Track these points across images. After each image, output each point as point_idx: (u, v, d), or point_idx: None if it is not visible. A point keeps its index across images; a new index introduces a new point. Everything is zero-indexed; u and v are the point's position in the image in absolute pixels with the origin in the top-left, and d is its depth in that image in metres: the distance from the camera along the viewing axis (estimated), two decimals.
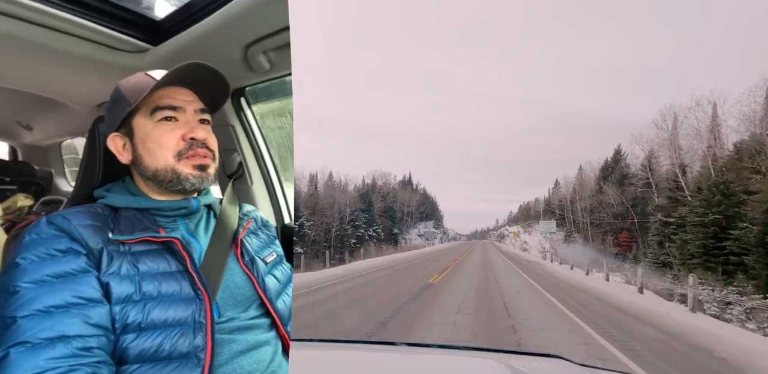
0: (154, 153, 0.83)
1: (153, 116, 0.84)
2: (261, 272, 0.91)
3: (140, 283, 0.74)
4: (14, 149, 3.26)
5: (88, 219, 0.78)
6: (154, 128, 0.84)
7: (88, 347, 0.66)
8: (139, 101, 0.83)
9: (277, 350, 0.87)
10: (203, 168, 0.85)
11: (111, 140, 0.88)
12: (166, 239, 0.80)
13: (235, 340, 0.81)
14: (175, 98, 0.85)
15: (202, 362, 0.73)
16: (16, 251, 0.73)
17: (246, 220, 1.00)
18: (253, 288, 0.88)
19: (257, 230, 1.03)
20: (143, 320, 0.72)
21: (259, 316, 0.87)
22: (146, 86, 0.83)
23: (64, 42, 1.41)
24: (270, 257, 0.98)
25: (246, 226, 0.98)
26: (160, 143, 0.83)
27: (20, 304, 0.66)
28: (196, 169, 0.84)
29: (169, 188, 0.85)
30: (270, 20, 1.26)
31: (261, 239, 1.01)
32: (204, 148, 0.85)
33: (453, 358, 1.34)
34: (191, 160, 0.84)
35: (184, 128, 0.84)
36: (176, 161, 0.83)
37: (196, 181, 0.84)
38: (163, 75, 0.84)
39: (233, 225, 0.94)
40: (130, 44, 1.50)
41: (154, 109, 0.84)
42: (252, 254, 0.92)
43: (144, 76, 0.88)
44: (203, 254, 0.86)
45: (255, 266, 0.91)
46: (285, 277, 0.98)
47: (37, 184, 3.01)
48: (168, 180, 0.84)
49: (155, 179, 0.84)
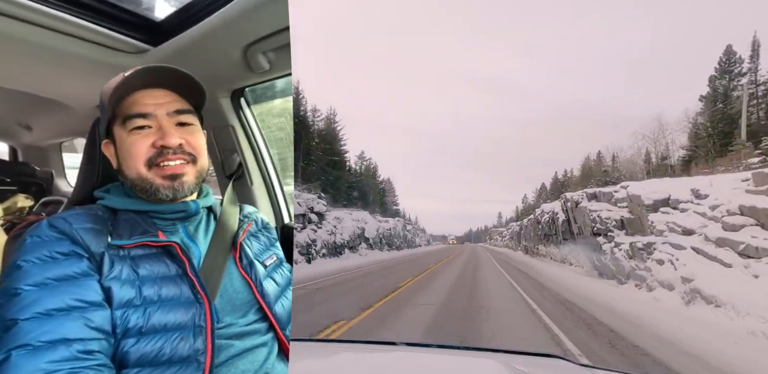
0: (128, 162, 0.83)
1: (125, 125, 0.83)
2: (259, 277, 0.91)
3: (140, 287, 0.74)
4: (14, 150, 3.26)
5: (89, 222, 0.78)
6: (128, 137, 0.83)
7: (89, 350, 0.66)
8: (115, 108, 0.83)
9: (272, 350, 0.87)
10: (174, 178, 0.83)
11: (104, 147, 0.88)
12: (164, 243, 0.80)
13: (233, 345, 0.81)
14: (144, 103, 0.83)
15: (202, 365, 0.74)
16: (17, 254, 0.73)
17: (246, 222, 0.99)
18: (252, 293, 0.88)
19: (257, 232, 1.02)
20: (144, 324, 0.72)
21: (257, 321, 0.87)
22: (119, 90, 0.81)
23: (64, 43, 1.41)
24: (270, 261, 0.97)
25: (246, 229, 0.97)
26: (131, 152, 0.82)
27: (22, 307, 0.66)
28: (166, 179, 0.82)
29: (148, 197, 0.84)
30: (270, 20, 1.26)
31: (261, 242, 1.01)
32: (179, 153, 0.83)
33: (453, 358, 1.34)
34: (162, 169, 0.82)
35: (156, 135, 0.82)
36: (147, 169, 0.82)
37: (168, 191, 0.83)
38: (138, 74, 0.82)
39: (233, 228, 0.94)
40: (130, 45, 1.50)
41: (125, 118, 0.83)
42: (251, 258, 0.92)
43: (118, 80, 0.84)
44: (203, 258, 0.85)
45: (253, 271, 0.90)
46: (284, 280, 0.98)
47: (37, 184, 3.01)
48: (144, 189, 0.83)
49: (134, 188, 0.84)
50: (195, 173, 0.86)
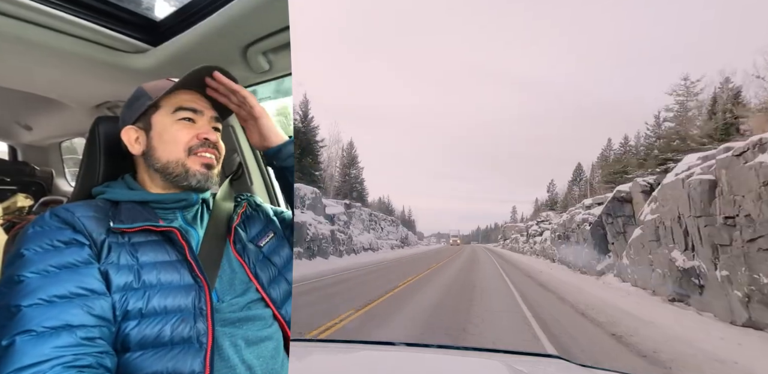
0: (169, 145, 0.89)
1: (174, 115, 0.90)
2: (252, 258, 0.94)
3: (139, 272, 0.77)
4: (14, 149, 3.26)
5: (90, 211, 0.81)
6: (174, 124, 0.90)
7: (91, 337, 0.68)
8: (163, 100, 0.90)
9: (278, 346, 0.89)
10: (210, 167, 0.91)
11: (125, 132, 0.92)
12: (165, 228, 0.83)
13: (236, 334, 0.83)
14: (196, 102, 0.93)
15: (204, 346, 0.75)
16: (20, 243, 0.74)
17: (240, 206, 1.03)
18: (246, 274, 0.91)
19: (252, 212, 1.05)
20: (144, 307, 0.74)
21: (257, 301, 0.89)
22: (168, 87, 0.90)
23: (63, 42, 1.41)
24: (265, 240, 1.00)
25: (240, 212, 1.01)
26: (176, 137, 0.89)
27: (25, 293, 0.68)
28: (203, 167, 0.90)
29: (176, 182, 0.89)
30: (270, 20, 1.26)
31: (256, 221, 1.03)
32: (214, 149, 0.92)
33: (453, 358, 1.34)
34: (200, 158, 0.90)
35: (201, 129, 0.92)
36: (186, 155, 0.89)
37: (202, 178, 0.90)
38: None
39: (228, 213, 0.98)
40: (130, 45, 1.50)
41: (176, 108, 0.91)
42: (245, 242, 0.96)
43: (166, 81, 0.95)
44: (200, 243, 0.89)
45: (246, 252, 0.94)
46: (282, 260, 1.00)
47: (37, 184, 3.01)
48: (176, 174, 0.88)
49: (164, 171, 0.89)
50: (218, 171, 0.95)
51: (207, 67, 0.91)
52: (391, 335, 5.40)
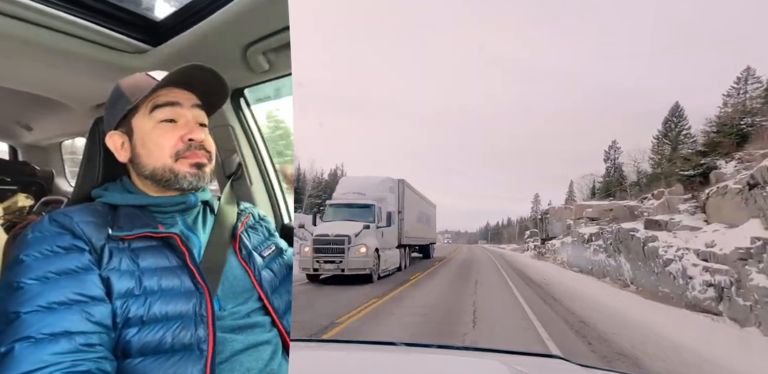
0: (153, 153, 0.85)
1: (152, 115, 0.85)
2: (257, 266, 0.93)
3: (140, 278, 0.76)
4: (14, 149, 3.26)
5: (89, 216, 0.80)
6: (154, 128, 0.85)
7: (90, 343, 0.67)
8: (140, 101, 0.84)
9: (276, 349, 0.88)
10: (200, 166, 0.86)
11: (109, 138, 0.89)
12: (165, 234, 0.81)
13: (236, 339, 0.82)
14: (173, 94, 0.87)
15: (204, 353, 0.75)
16: (19, 248, 0.74)
17: (244, 215, 1.02)
18: (250, 281, 0.90)
19: (255, 224, 1.05)
20: (145, 314, 0.73)
21: (258, 310, 0.89)
22: (146, 86, 0.84)
23: (64, 42, 1.41)
24: (267, 251, 1.00)
25: (244, 221, 1.00)
26: (159, 144, 0.85)
27: (24, 300, 0.67)
28: (193, 167, 0.86)
29: (167, 186, 0.86)
30: (270, 20, 1.26)
31: (259, 234, 1.03)
32: (201, 150, 0.87)
33: (453, 358, 1.34)
34: (188, 159, 0.85)
35: (183, 130, 0.86)
36: (173, 161, 0.85)
37: (193, 179, 0.86)
38: (163, 76, 0.85)
39: (232, 220, 0.96)
40: (130, 45, 1.50)
41: (153, 107, 0.85)
42: (249, 249, 0.95)
43: (144, 76, 0.89)
44: (203, 249, 0.87)
45: (252, 260, 0.93)
46: (283, 271, 1.00)
47: (37, 184, 3.01)
48: (165, 179, 0.85)
49: (153, 178, 0.86)
50: (210, 169, 0.90)
51: (197, 65, 0.86)
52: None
